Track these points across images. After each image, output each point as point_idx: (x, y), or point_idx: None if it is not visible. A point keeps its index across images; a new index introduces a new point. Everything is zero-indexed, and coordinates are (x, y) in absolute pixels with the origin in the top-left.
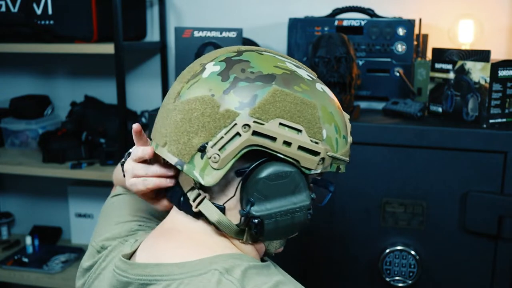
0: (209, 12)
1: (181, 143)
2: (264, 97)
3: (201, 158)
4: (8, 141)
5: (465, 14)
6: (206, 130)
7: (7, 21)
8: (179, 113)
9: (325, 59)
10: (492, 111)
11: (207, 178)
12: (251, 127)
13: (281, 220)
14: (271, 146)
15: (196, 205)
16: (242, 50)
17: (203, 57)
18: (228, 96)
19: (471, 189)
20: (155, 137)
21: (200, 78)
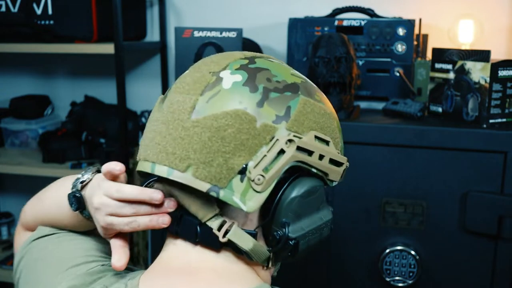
0: (209, 12)
1: (214, 166)
2: (297, 109)
3: (241, 181)
4: (8, 141)
5: (465, 14)
6: (245, 148)
7: (7, 21)
8: (206, 130)
9: (325, 59)
10: (492, 111)
11: (250, 204)
12: (295, 142)
13: (312, 238)
14: (309, 161)
15: (223, 234)
16: (251, 56)
17: (203, 64)
18: (263, 110)
19: (471, 189)
20: (162, 160)
21: (220, 89)
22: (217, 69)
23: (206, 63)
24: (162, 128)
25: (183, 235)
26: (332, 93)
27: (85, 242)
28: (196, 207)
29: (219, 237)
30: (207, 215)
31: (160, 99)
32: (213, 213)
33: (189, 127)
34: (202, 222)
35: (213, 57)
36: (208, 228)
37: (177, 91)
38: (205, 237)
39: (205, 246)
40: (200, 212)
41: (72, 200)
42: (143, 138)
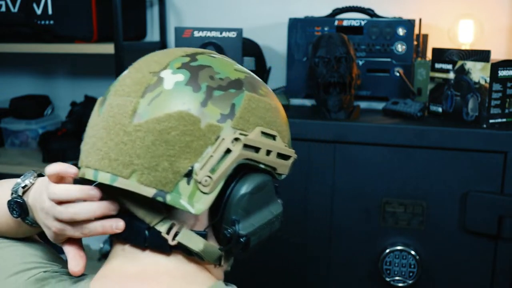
0: (209, 12)
1: (159, 170)
2: (242, 106)
3: (188, 183)
4: (8, 141)
5: (465, 14)
6: (191, 151)
7: (7, 21)
8: (149, 134)
9: (325, 59)
10: (492, 111)
11: (198, 206)
12: (241, 140)
13: (263, 233)
14: (256, 158)
15: (172, 237)
16: (192, 53)
17: (144, 64)
18: (206, 109)
19: (471, 189)
20: (105, 167)
21: (162, 90)
22: (157, 69)
23: (146, 62)
24: (103, 134)
25: (132, 240)
26: (332, 93)
27: (23, 249)
28: (143, 212)
29: (168, 240)
30: (154, 219)
31: (99, 102)
32: (161, 216)
33: (131, 131)
34: (150, 226)
35: (154, 55)
36: (157, 232)
37: (117, 93)
38: (154, 241)
39: (155, 250)
40: (147, 216)
41: (14, 206)
42: (83, 143)
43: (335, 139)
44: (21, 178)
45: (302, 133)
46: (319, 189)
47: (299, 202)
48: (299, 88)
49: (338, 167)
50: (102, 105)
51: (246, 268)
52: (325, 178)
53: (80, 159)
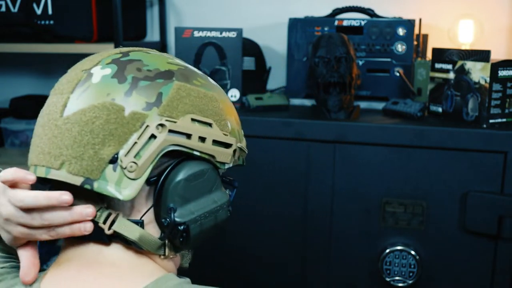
0: (209, 12)
1: (85, 159)
2: (170, 94)
3: (114, 170)
4: (8, 141)
5: (465, 14)
6: (114, 138)
7: (7, 21)
8: (75, 125)
9: (325, 59)
10: (492, 111)
11: (125, 192)
12: (166, 126)
13: (205, 222)
14: (188, 144)
15: (108, 226)
16: (126, 51)
17: (80, 64)
18: (131, 98)
19: (471, 189)
20: (41, 161)
21: (90, 84)
22: (89, 66)
23: (82, 62)
24: (39, 130)
25: None
26: (332, 93)
27: None
28: (82, 204)
29: (104, 229)
30: None
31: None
32: (99, 206)
33: (61, 124)
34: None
35: (91, 56)
36: (95, 222)
37: (53, 93)
38: (94, 232)
39: (96, 241)
40: None
41: None
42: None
43: (335, 139)
44: None
45: (302, 133)
46: (319, 189)
47: (299, 202)
48: (299, 88)
49: (338, 167)
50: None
51: (246, 268)
52: (325, 178)
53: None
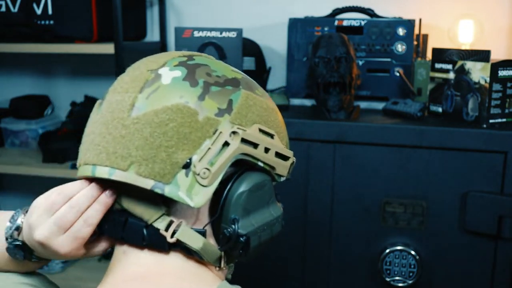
0: (209, 12)
1: (157, 162)
2: (240, 102)
3: (186, 175)
4: (8, 141)
5: (465, 14)
6: (188, 142)
7: (7, 21)
8: (147, 126)
9: (325, 59)
10: (492, 111)
11: (196, 198)
12: (239, 134)
13: (263, 234)
14: (254, 154)
15: (171, 234)
16: (189, 54)
17: (141, 63)
18: (204, 103)
19: (471, 189)
20: (103, 161)
21: (160, 85)
22: (155, 67)
23: (144, 62)
24: (101, 129)
25: (129, 239)
26: (332, 93)
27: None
28: (141, 209)
29: (167, 237)
30: (153, 216)
31: (98, 103)
32: (160, 213)
33: (129, 124)
34: (149, 224)
35: (151, 56)
36: (155, 230)
37: (115, 91)
38: (153, 239)
39: (154, 249)
40: (145, 213)
41: (15, 251)
42: (82, 143)
43: (335, 139)
44: (9, 220)
45: (302, 133)
46: (319, 189)
47: (299, 202)
48: (299, 88)
49: (338, 167)
50: (101, 105)
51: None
52: (325, 178)
53: (78, 159)
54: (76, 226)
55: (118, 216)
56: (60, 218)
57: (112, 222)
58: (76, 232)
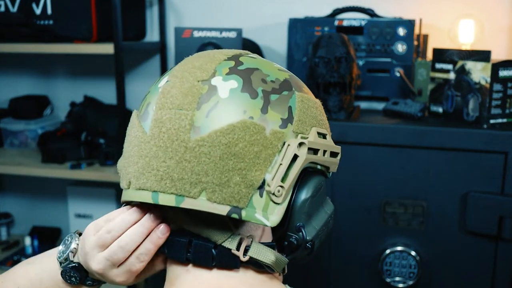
0: (209, 12)
1: (231, 186)
2: (297, 107)
3: (261, 196)
4: (7, 142)
5: (466, 14)
6: (260, 161)
7: (6, 21)
8: (215, 149)
9: (325, 59)
10: (493, 111)
11: (272, 218)
12: (306, 144)
13: (322, 234)
14: (316, 159)
15: (243, 252)
16: (233, 55)
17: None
18: (268, 115)
19: (471, 189)
20: (167, 188)
21: (218, 100)
22: (205, 76)
23: (189, 70)
24: (157, 152)
25: (197, 261)
26: (332, 93)
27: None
28: (209, 231)
29: (240, 257)
30: (222, 237)
31: (137, 116)
32: (229, 233)
33: (194, 147)
34: (217, 244)
35: (193, 61)
36: (225, 250)
37: (164, 107)
38: (223, 260)
39: (222, 268)
40: (214, 235)
41: (71, 273)
42: (126, 163)
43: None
44: (61, 244)
45: None
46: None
47: None
48: None
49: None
50: (145, 120)
51: None
52: None
53: (124, 180)
54: (129, 262)
55: (178, 237)
56: (111, 256)
57: (172, 244)
58: (130, 266)
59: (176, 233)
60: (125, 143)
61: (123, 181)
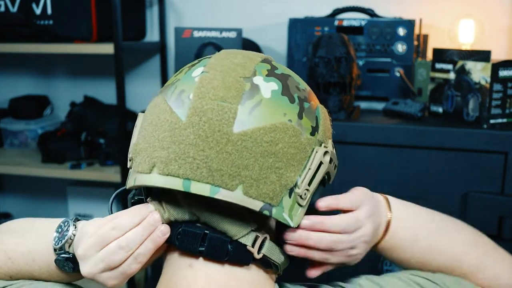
0: (209, 12)
1: (268, 183)
2: (321, 118)
3: (289, 196)
4: (7, 142)
5: (466, 14)
6: (295, 163)
7: (6, 21)
8: (256, 145)
9: (325, 59)
10: (493, 112)
11: (295, 219)
12: (329, 153)
13: None
14: (330, 170)
15: (258, 249)
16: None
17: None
18: (303, 121)
19: (471, 189)
20: (203, 177)
21: (262, 99)
22: (247, 74)
23: (228, 65)
24: (196, 140)
25: (210, 254)
26: (332, 93)
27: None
28: (227, 225)
29: (254, 254)
30: (241, 232)
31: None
32: (249, 229)
33: (236, 140)
34: (234, 239)
35: (231, 57)
36: (241, 245)
37: (206, 96)
38: (237, 255)
39: (233, 263)
40: (232, 229)
41: (65, 263)
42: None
43: (335, 139)
44: (56, 230)
45: None
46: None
47: None
48: None
49: (338, 167)
50: (179, 107)
51: None
52: None
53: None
54: (126, 264)
55: (192, 228)
56: (108, 257)
57: (185, 235)
58: (125, 269)
59: (189, 224)
60: (148, 126)
61: (142, 165)
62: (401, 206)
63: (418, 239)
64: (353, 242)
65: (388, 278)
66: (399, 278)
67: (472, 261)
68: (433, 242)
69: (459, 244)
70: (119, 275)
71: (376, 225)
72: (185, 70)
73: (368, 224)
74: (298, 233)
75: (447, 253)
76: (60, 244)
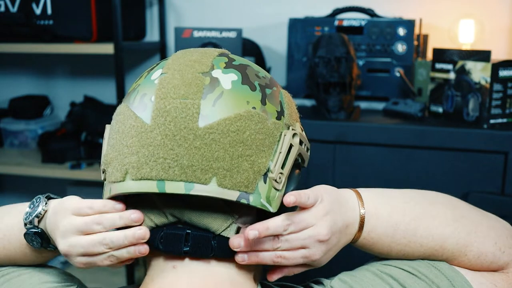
0: (209, 12)
1: (241, 172)
2: (285, 102)
3: (264, 182)
4: (7, 142)
5: (466, 14)
6: (265, 149)
7: (6, 21)
8: (224, 136)
9: (325, 59)
10: (493, 112)
11: (274, 204)
12: (298, 135)
13: None
14: (302, 152)
15: None
16: (221, 53)
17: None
18: (267, 107)
19: (471, 189)
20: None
21: (223, 91)
22: (205, 69)
23: (186, 63)
24: (163, 141)
25: (196, 253)
26: (332, 93)
27: (35, 275)
28: (208, 220)
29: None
30: (222, 226)
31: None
32: (230, 221)
33: (203, 134)
34: (216, 234)
35: (188, 55)
36: (224, 239)
37: (167, 96)
38: (222, 250)
39: (219, 259)
40: (214, 223)
41: (33, 238)
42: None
43: (335, 139)
44: (29, 206)
45: None
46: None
47: None
48: (299, 88)
49: (338, 167)
50: (143, 111)
51: None
52: (325, 178)
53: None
54: (100, 257)
55: (174, 230)
56: (89, 247)
57: (167, 238)
58: (96, 260)
59: (170, 227)
60: (115, 135)
61: (115, 174)
62: (376, 199)
63: (396, 234)
64: (303, 241)
65: (361, 273)
66: (371, 272)
67: (454, 245)
68: (411, 235)
69: (439, 230)
70: (90, 262)
71: (338, 223)
72: (144, 74)
73: (322, 222)
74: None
75: (428, 243)
76: (30, 218)
